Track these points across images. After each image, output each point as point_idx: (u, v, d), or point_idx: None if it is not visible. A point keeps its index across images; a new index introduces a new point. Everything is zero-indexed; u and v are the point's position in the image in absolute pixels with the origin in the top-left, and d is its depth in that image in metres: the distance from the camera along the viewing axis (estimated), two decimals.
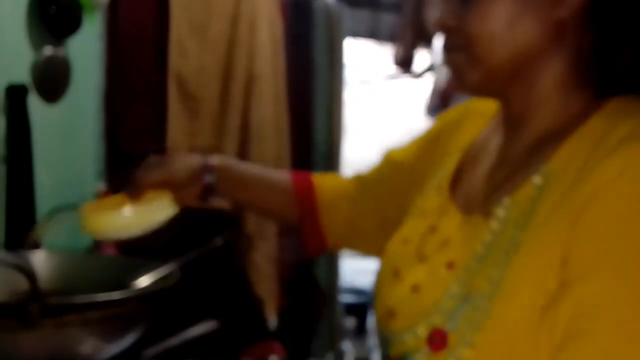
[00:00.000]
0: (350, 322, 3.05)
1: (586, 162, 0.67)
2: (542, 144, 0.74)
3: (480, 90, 0.79)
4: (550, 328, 0.66)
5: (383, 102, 5.34)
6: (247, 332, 1.08)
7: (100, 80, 1.81)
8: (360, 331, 3.59)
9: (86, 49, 1.72)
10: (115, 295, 0.90)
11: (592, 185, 0.65)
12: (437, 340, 0.73)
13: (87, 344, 0.90)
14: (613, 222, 0.64)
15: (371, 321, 3.81)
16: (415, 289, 0.79)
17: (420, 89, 4.35)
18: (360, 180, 1.09)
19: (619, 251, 0.64)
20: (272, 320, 2.26)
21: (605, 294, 0.63)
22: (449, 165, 0.88)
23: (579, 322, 0.64)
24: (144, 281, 1.05)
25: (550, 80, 0.75)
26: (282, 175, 1.14)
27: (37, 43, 1.56)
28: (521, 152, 0.77)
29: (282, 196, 1.10)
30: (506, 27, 0.72)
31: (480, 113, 0.90)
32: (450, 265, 0.76)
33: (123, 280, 1.05)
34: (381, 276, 0.87)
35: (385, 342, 0.82)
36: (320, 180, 1.12)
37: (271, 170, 1.20)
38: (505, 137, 0.81)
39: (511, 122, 0.79)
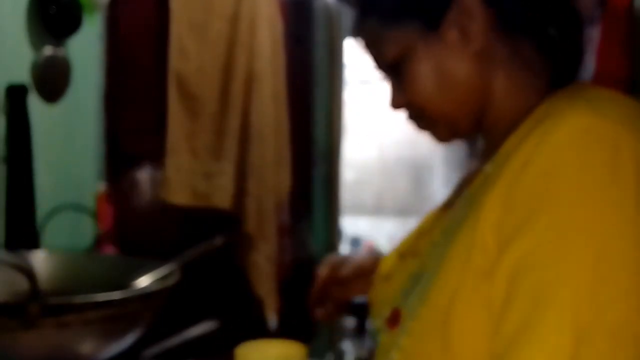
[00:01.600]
0: (350, 322, 3.04)
1: (521, 142, 0.70)
2: (501, 140, 0.78)
3: (454, 137, 0.85)
4: (485, 295, 0.67)
5: (383, 102, 5.34)
6: (247, 332, 1.08)
7: (100, 80, 1.81)
8: (360, 331, 3.59)
9: (86, 49, 1.72)
10: (115, 295, 0.90)
11: (516, 160, 0.69)
12: (393, 319, 0.77)
13: (87, 344, 0.90)
14: (536, 183, 0.67)
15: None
16: (387, 278, 0.86)
17: None
18: None
19: (543, 205, 0.66)
20: (272, 320, 2.26)
21: (539, 239, 0.65)
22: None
23: (520, 267, 0.65)
24: (144, 281, 1.05)
25: (502, 93, 0.79)
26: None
27: (37, 43, 1.56)
28: (486, 155, 0.81)
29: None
30: (438, 83, 0.78)
31: None
32: (415, 254, 0.82)
33: (123, 280, 1.05)
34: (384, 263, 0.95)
35: (371, 337, 0.89)
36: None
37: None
38: (484, 150, 0.86)
39: (485, 135, 0.85)
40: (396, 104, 0.85)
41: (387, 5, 0.81)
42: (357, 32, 0.86)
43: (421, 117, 0.83)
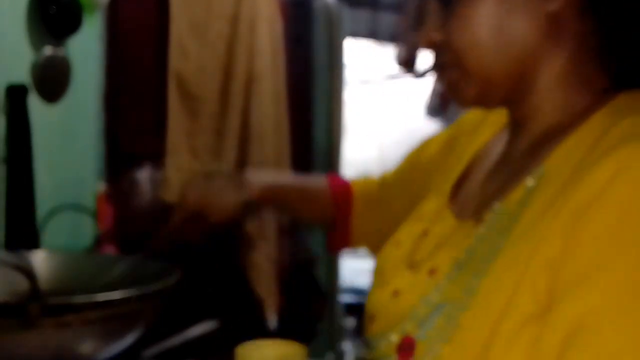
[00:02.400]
0: (350, 322, 3.04)
1: (581, 162, 0.61)
2: (542, 145, 0.69)
3: (480, 102, 0.74)
4: (532, 337, 0.59)
5: (383, 102, 5.34)
6: (247, 332, 1.08)
7: (100, 80, 1.81)
8: (360, 331, 3.59)
9: (86, 49, 1.72)
10: (115, 295, 0.90)
11: (584, 190, 0.58)
12: (406, 348, 0.68)
13: (87, 344, 0.90)
14: (608, 227, 0.57)
15: None
16: (396, 293, 0.75)
17: (420, 89, 4.35)
18: (384, 181, 1.13)
19: (616, 255, 0.56)
20: (272, 320, 2.25)
21: (607, 296, 0.56)
22: (457, 169, 0.85)
23: (582, 325, 0.56)
24: (144, 281, 1.05)
25: (552, 78, 0.69)
26: (321, 183, 1.20)
27: (37, 43, 1.56)
28: (520, 155, 0.72)
29: (320, 202, 1.16)
30: (493, 33, 0.67)
31: (498, 117, 0.85)
32: (432, 272, 0.71)
33: (123, 280, 1.05)
34: (372, 279, 0.85)
35: (366, 346, 0.79)
36: (357, 183, 1.17)
37: (309, 179, 1.28)
38: (508, 141, 0.77)
39: (514, 125, 0.75)
40: (429, 40, 0.72)
41: None
42: None
43: (453, 66, 0.71)
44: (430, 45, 0.72)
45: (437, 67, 0.73)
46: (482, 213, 0.70)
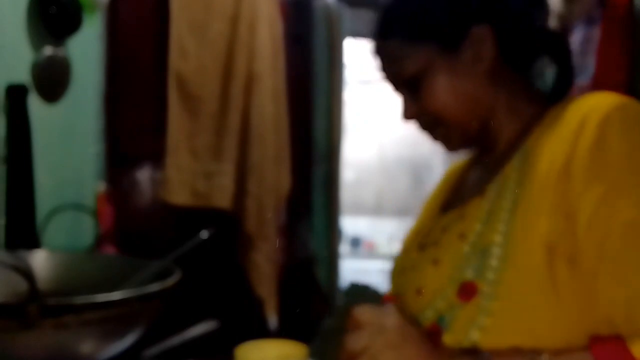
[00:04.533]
0: None
1: (561, 131, 0.82)
2: (512, 146, 0.91)
3: (464, 145, 0.97)
4: (565, 262, 0.77)
5: (383, 102, 5.34)
6: (247, 332, 1.08)
7: (100, 80, 1.81)
8: None
9: (86, 49, 1.72)
10: (115, 295, 0.90)
11: (563, 133, 0.81)
12: (467, 290, 0.82)
13: (87, 345, 0.90)
14: (602, 149, 0.78)
15: None
16: (435, 262, 0.88)
17: None
18: None
19: (612, 164, 0.77)
20: (272, 320, 2.26)
21: (612, 180, 0.76)
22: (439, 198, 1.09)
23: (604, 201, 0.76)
24: (144, 281, 1.05)
25: (505, 106, 0.93)
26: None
27: (37, 43, 1.56)
28: (495, 160, 0.93)
29: None
30: (453, 93, 0.91)
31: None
32: (461, 236, 0.86)
33: (123, 280, 1.05)
34: (400, 260, 1.00)
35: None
36: None
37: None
38: (478, 159, 1.01)
39: (487, 147, 0.96)
40: (410, 114, 0.96)
41: (413, 27, 0.93)
42: (377, 50, 0.97)
43: (435, 126, 0.95)
44: (412, 117, 0.96)
45: (425, 129, 0.97)
46: (483, 190, 0.89)
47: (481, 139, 0.96)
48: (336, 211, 2.92)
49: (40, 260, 1.15)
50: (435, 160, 5.22)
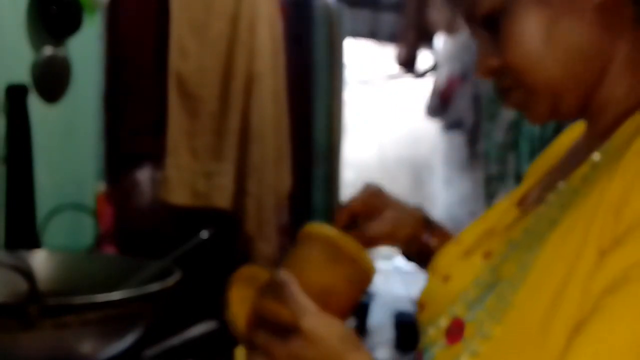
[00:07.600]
0: (350, 322, 3.05)
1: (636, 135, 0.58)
2: (612, 130, 0.64)
3: (554, 116, 0.69)
4: (567, 316, 0.56)
5: (383, 102, 5.35)
6: None
7: (100, 80, 1.81)
8: (360, 331, 3.59)
9: (86, 49, 1.72)
10: (115, 295, 0.90)
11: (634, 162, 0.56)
12: (455, 331, 0.65)
13: (87, 345, 0.90)
14: None
15: (371, 321, 3.81)
16: (446, 278, 0.72)
17: (420, 89, 4.35)
18: None
19: None
20: None
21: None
22: (533, 177, 0.81)
23: (627, 276, 0.54)
24: (144, 281, 1.05)
25: (619, 68, 0.65)
26: None
27: (37, 43, 1.56)
28: (589, 144, 0.67)
29: None
30: (546, 44, 0.64)
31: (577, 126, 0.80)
32: (487, 255, 0.69)
33: (123, 280, 1.05)
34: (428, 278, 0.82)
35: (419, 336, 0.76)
36: None
37: None
38: (583, 137, 0.73)
39: (589, 119, 0.70)
40: (487, 68, 0.69)
41: None
42: None
43: (517, 87, 0.68)
44: (489, 72, 0.69)
45: (502, 92, 0.70)
46: (544, 196, 0.67)
47: (582, 110, 0.68)
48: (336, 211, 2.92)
49: (40, 260, 1.15)
50: (435, 160, 5.22)
